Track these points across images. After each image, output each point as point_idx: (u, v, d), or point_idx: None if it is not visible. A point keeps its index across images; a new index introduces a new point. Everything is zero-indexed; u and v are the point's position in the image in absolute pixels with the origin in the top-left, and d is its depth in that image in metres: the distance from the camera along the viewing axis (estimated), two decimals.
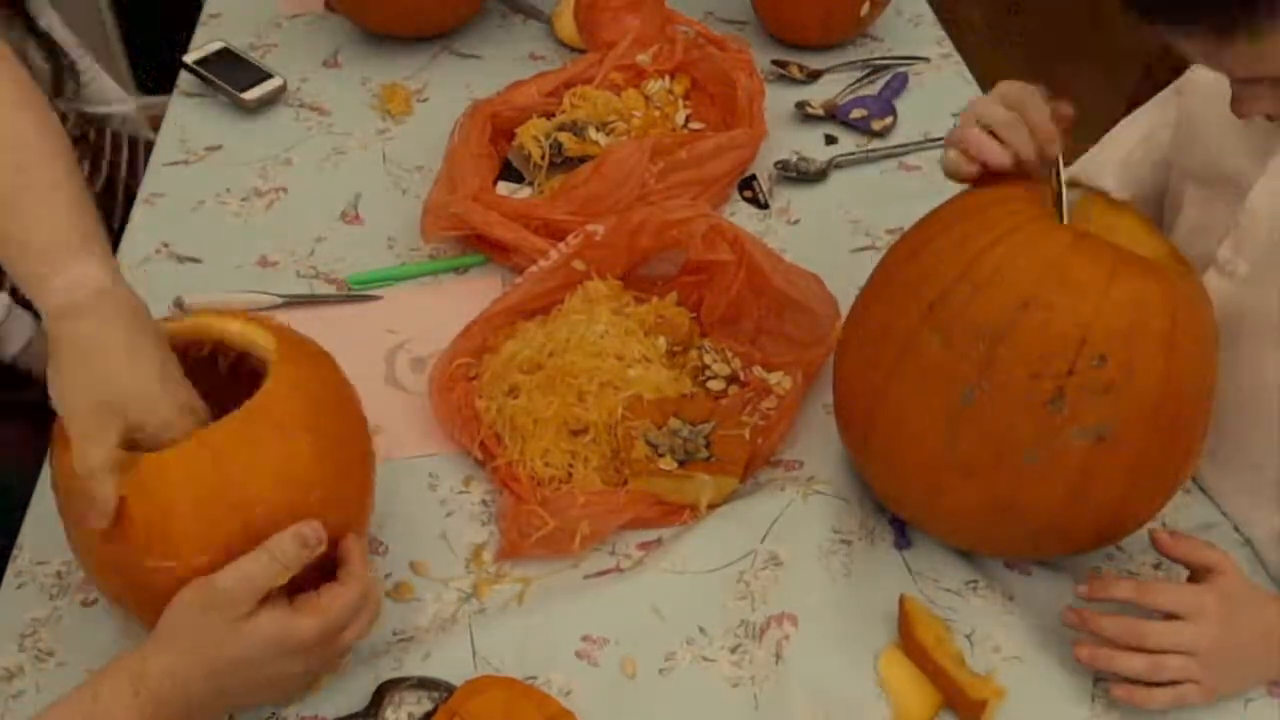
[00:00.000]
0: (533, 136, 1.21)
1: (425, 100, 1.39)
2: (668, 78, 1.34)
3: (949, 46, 1.50)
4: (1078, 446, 0.75)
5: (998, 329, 0.75)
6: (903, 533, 0.91)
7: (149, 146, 1.45)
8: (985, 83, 1.44)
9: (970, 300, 0.76)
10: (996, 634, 0.84)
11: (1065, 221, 0.81)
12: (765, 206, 1.24)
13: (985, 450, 0.77)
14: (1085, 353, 0.73)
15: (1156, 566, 0.89)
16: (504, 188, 1.22)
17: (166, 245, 1.18)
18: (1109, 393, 0.74)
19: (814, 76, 1.42)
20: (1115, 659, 0.77)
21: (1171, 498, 0.83)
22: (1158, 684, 0.77)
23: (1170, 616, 0.77)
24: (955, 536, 0.88)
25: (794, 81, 1.42)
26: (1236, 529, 0.92)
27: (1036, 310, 0.74)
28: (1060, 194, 0.82)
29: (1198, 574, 0.80)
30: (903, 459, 0.83)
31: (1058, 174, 0.83)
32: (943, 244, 0.81)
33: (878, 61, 1.44)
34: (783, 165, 1.28)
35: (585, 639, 0.83)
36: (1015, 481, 0.77)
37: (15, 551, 0.90)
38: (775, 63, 1.42)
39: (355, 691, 0.80)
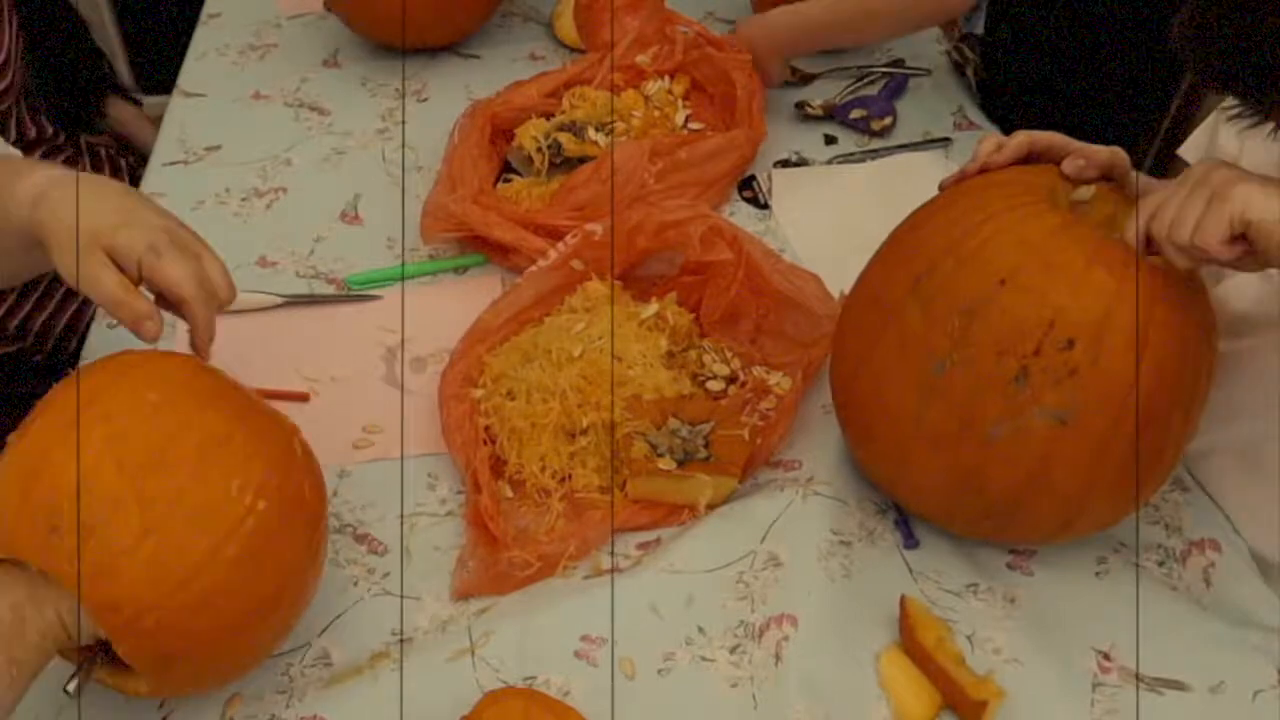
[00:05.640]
0: (532, 137, 1.21)
1: (425, 100, 1.39)
2: (667, 78, 1.34)
3: (948, 46, 1.50)
4: (1039, 427, 0.76)
5: (973, 304, 0.76)
6: (909, 533, 0.90)
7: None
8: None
9: (953, 274, 0.78)
10: (997, 635, 0.84)
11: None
12: (765, 206, 1.24)
13: (951, 421, 0.78)
14: (1053, 335, 0.74)
15: (1161, 564, 0.89)
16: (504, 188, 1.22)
17: None
18: (1073, 377, 0.74)
19: (810, 79, 1.42)
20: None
21: (1146, 499, 0.82)
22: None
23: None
24: (923, 507, 0.88)
25: (793, 82, 1.41)
26: (1237, 531, 0.92)
27: (1012, 289, 0.75)
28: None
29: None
30: (877, 425, 0.84)
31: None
32: (940, 220, 0.82)
33: (877, 67, 1.44)
34: (783, 165, 1.28)
35: (585, 639, 0.83)
36: (978, 455, 0.78)
37: None
38: None
39: (355, 692, 0.80)
